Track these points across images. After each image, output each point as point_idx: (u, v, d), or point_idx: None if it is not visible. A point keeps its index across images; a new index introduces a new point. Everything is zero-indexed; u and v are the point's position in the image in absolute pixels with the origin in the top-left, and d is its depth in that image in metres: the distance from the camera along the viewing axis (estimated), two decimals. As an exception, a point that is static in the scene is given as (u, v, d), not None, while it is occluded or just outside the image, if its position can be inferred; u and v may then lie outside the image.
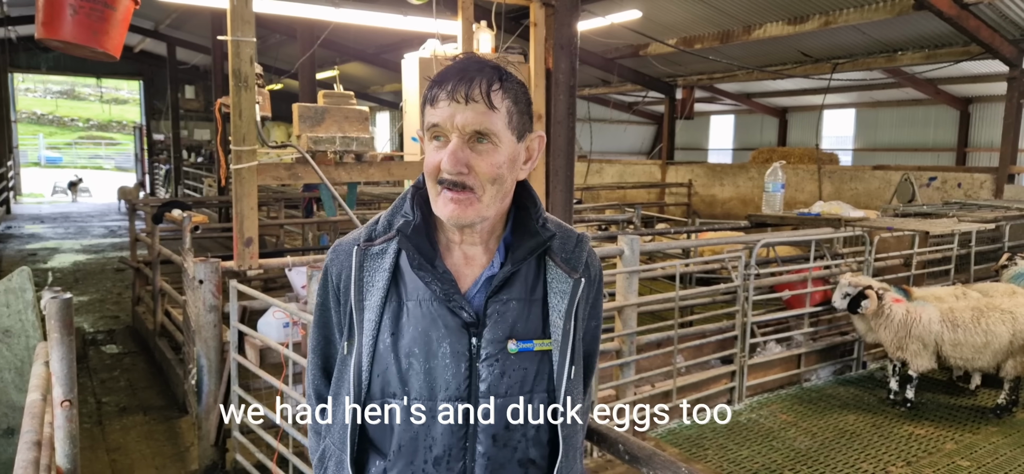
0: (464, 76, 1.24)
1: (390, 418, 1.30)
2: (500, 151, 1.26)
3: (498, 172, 1.27)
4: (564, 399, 1.31)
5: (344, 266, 1.37)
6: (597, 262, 1.43)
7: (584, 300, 1.38)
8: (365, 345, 1.30)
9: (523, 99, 1.32)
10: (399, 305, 1.31)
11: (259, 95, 4.43)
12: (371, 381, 1.30)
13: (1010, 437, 4.87)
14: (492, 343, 1.28)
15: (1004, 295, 5.33)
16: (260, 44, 15.31)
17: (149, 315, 7.07)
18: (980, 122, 14.78)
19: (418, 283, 1.30)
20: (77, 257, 12.19)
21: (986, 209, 8.19)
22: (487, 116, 1.24)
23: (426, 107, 1.29)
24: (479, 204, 1.26)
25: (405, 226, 1.32)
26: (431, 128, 1.27)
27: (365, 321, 1.31)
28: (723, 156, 20.08)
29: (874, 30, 10.08)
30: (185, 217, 5.64)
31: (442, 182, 1.26)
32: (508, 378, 1.28)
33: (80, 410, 5.41)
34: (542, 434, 1.32)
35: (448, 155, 1.24)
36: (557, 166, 4.97)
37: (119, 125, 42.32)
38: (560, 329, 1.31)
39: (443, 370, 1.27)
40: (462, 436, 1.28)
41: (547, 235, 1.34)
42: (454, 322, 1.28)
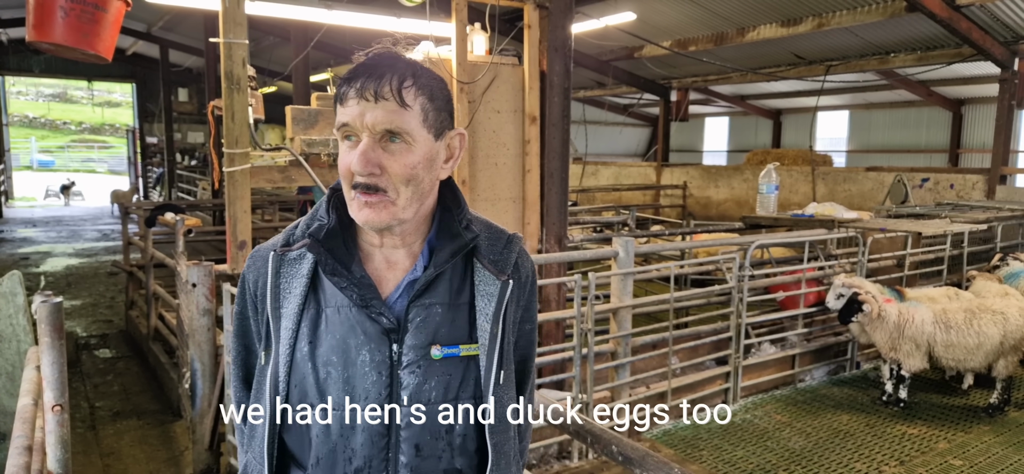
0: (374, 73, 1.19)
1: (308, 429, 1.24)
2: (414, 151, 1.21)
3: (412, 172, 1.21)
4: (495, 405, 1.26)
5: (261, 273, 1.31)
6: (529, 263, 1.38)
7: (514, 302, 1.32)
8: (282, 354, 1.24)
9: (440, 96, 1.26)
10: (317, 312, 1.25)
11: (252, 97, 4.42)
12: (289, 391, 1.25)
13: (1002, 436, 4.89)
14: (414, 349, 1.23)
15: (996, 296, 5.36)
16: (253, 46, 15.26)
17: (142, 319, 7.04)
18: (972, 123, 14.87)
19: (337, 290, 1.25)
20: (70, 261, 12.13)
21: (978, 210, 8.23)
22: (399, 114, 1.19)
23: (337, 105, 1.23)
24: (394, 206, 1.21)
25: (318, 230, 1.26)
26: (341, 128, 1.21)
27: (282, 329, 1.25)
28: (718, 158, 20.14)
29: (867, 32, 10.13)
30: (178, 220, 5.62)
31: (355, 185, 1.21)
32: (431, 385, 1.24)
33: (73, 415, 5.38)
34: (469, 443, 1.28)
35: (358, 156, 1.18)
36: (552, 168, 4.97)
37: (112, 128, 42.13)
38: (487, 333, 1.26)
39: (362, 378, 1.22)
40: (383, 446, 1.23)
41: (470, 236, 1.28)
42: (373, 329, 1.23)
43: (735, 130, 20.08)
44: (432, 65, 4.65)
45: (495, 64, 4.84)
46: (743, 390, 5.51)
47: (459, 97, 4.73)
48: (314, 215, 1.30)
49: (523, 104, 4.97)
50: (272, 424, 1.25)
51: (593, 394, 4.57)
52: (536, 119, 4.97)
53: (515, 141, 4.98)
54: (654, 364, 5.10)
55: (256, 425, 1.29)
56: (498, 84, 4.87)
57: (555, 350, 4.78)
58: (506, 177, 4.98)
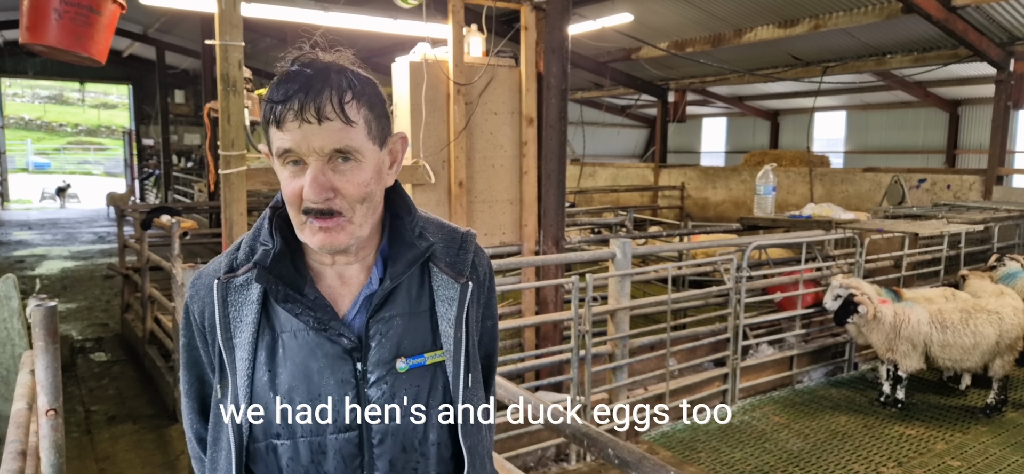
0: (310, 89, 1.11)
1: (277, 460, 1.20)
2: (364, 167, 1.16)
3: (366, 190, 1.17)
4: (463, 408, 1.24)
5: (206, 303, 1.24)
6: (485, 260, 1.35)
7: (475, 303, 1.29)
8: (240, 386, 1.19)
9: (378, 103, 1.20)
10: (273, 339, 1.20)
11: (248, 100, 4.40)
12: (252, 423, 1.20)
13: (999, 436, 4.89)
14: (379, 365, 1.20)
15: (993, 295, 5.36)
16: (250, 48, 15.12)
17: (138, 322, 7.02)
18: (969, 124, 14.89)
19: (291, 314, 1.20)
20: (65, 264, 12.10)
21: (975, 210, 8.24)
22: (345, 133, 1.12)
23: (271, 128, 1.14)
24: (351, 226, 1.17)
25: (264, 257, 1.19)
26: (284, 154, 1.13)
27: (237, 360, 1.20)
28: (716, 159, 20.14)
29: (863, 33, 10.14)
30: (174, 223, 5.61)
31: (308, 211, 1.14)
32: (400, 398, 1.20)
33: (68, 419, 5.36)
34: (444, 450, 1.25)
35: (310, 183, 1.12)
36: (549, 170, 4.96)
37: (108, 130, 42.03)
38: (451, 338, 1.24)
39: (329, 401, 1.18)
40: (357, 466, 1.19)
41: (424, 245, 1.25)
42: (334, 349, 1.19)
43: (733, 131, 20.09)
44: (428, 67, 4.64)
45: (492, 66, 4.83)
46: (741, 391, 5.51)
47: (456, 99, 4.72)
48: (256, 237, 1.24)
49: (520, 106, 4.96)
50: (239, 457, 1.19)
51: (591, 396, 4.56)
52: (533, 121, 4.96)
53: (512, 143, 4.96)
54: (652, 366, 5.09)
55: (218, 456, 1.24)
56: (495, 86, 4.86)
57: (553, 352, 4.77)
58: (503, 179, 4.96)
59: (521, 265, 4.79)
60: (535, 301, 5.10)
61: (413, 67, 4.63)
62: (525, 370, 4.74)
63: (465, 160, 4.80)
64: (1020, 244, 8.08)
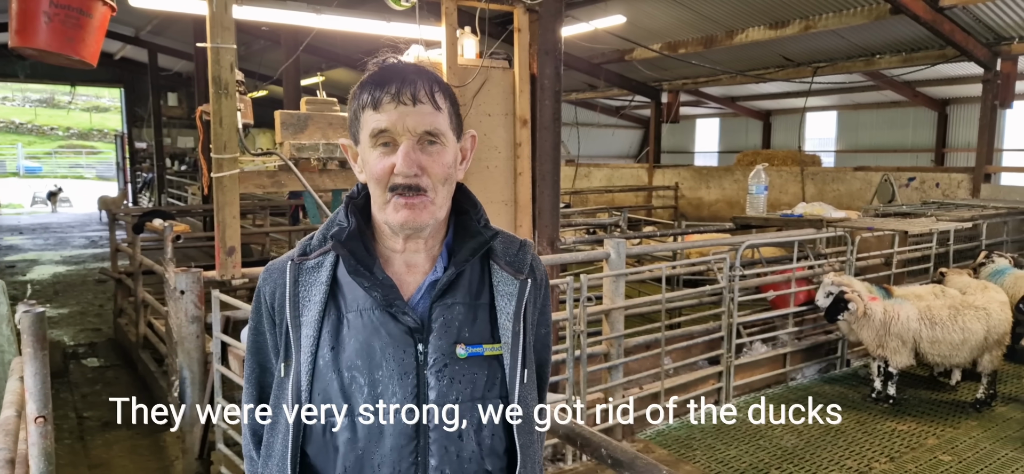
0: (407, 78, 1.23)
1: (334, 439, 1.22)
2: (448, 151, 1.26)
3: (449, 172, 1.26)
4: (519, 404, 1.27)
5: (278, 284, 1.31)
6: (542, 267, 1.40)
7: (532, 303, 1.34)
8: (304, 362, 1.23)
9: (456, 101, 1.32)
10: (338, 317, 1.25)
11: (240, 102, 4.40)
12: (312, 400, 1.23)
13: (990, 431, 4.94)
14: (439, 350, 1.23)
15: (978, 291, 5.42)
16: (244, 50, 15.14)
17: (132, 327, 6.98)
18: (957, 123, 15.03)
19: (358, 292, 1.25)
20: (57, 269, 12.02)
21: (963, 208, 8.32)
22: (435, 117, 1.24)
23: (366, 111, 1.25)
24: (433, 206, 1.24)
25: (339, 232, 1.28)
26: (379, 134, 1.23)
27: (302, 337, 1.24)
28: (709, 159, 20.22)
29: (852, 34, 10.22)
30: (166, 226, 5.58)
31: (395, 188, 1.22)
32: (458, 385, 1.23)
33: (61, 426, 5.33)
34: (498, 444, 1.27)
35: (402, 157, 1.21)
36: (544, 171, 4.98)
37: (100, 133, 41.78)
38: (509, 332, 1.27)
39: (389, 381, 1.21)
40: (412, 450, 1.21)
41: (489, 234, 1.32)
42: (397, 329, 1.23)
43: (726, 131, 20.18)
44: (422, 69, 4.65)
45: (485, 67, 4.85)
46: (735, 389, 5.54)
47: (449, 100, 4.73)
48: (332, 222, 1.32)
49: (514, 107, 4.98)
50: (296, 436, 1.22)
51: (587, 396, 4.57)
52: (527, 122, 4.98)
53: (506, 144, 4.98)
54: (647, 365, 5.11)
55: (274, 441, 1.27)
56: (489, 87, 4.88)
57: (547, 352, 4.79)
58: (498, 180, 4.98)
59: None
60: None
61: (406, 69, 4.64)
62: (520, 370, 4.75)
63: (459, 161, 4.81)
64: (1008, 241, 8.17)
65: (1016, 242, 8.32)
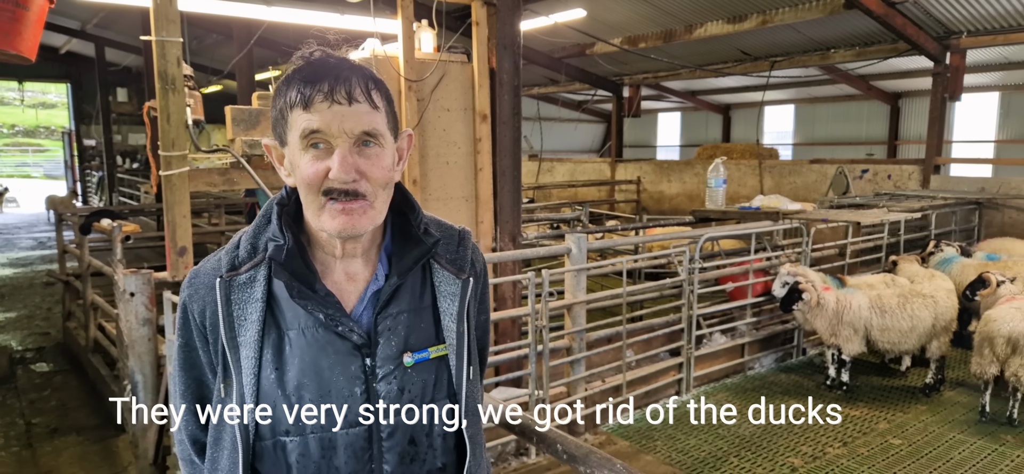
0: (339, 75, 1.16)
1: (286, 456, 1.20)
2: (387, 152, 1.21)
3: (388, 175, 1.21)
4: (466, 401, 1.28)
5: (207, 302, 1.23)
6: (480, 257, 1.39)
7: (474, 298, 1.34)
8: (247, 384, 1.19)
9: (391, 97, 1.26)
10: (280, 336, 1.20)
11: (190, 97, 4.26)
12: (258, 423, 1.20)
13: (938, 414, 5.11)
14: (387, 360, 1.22)
15: (925, 279, 5.60)
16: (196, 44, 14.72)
17: (81, 331, 6.76)
18: (908, 116, 15.49)
19: (298, 310, 1.20)
20: (3, 271, 11.59)
21: (914, 199, 8.58)
22: (372, 116, 1.17)
23: (295, 111, 1.16)
24: (373, 211, 1.19)
25: (277, 252, 1.20)
26: (310, 135, 1.15)
27: (242, 359, 1.19)
28: (671, 153, 20.46)
29: (809, 29, 10.43)
30: (115, 227, 5.40)
31: (329, 192, 1.16)
32: (408, 392, 1.23)
33: (8, 432, 5.14)
34: (449, 440, 1.29)
35: (339, 163, 1.14)
36: (504, 166, 4.95)
37: (47, 131, 40.30)
38: (454, 332, 1.27)
39: (338, 397, 1.20)
40: (367, 459, 1.21)
41: (431, 241, 1.28)
42: (344, 346, 1.20)
43: (687, 125, 20.44)
44: (378, 63, 4.58)
45: (443, 62, 4.80)
46: (695, 380, 5.62)
47: (407, 95, 4.67)
48: (259, 233, 1.24)
49: (473, 102, 4.94)
50: (245, 454, 1.19)
51: (549, 390, 4.58)
52: (487, 117, 4.94)
53: (466, 139, 4.94)
54: (609, 358, 5.14)
55: (219, 456, 1.23)
56: (447, 82, 4.83)
57: (511, 348, 4.77)
58: (458, 176, 4.94)
59: (477, 262, 4.77)
60: (493, 298, 5.09)
61: (362, 63, 4.56)
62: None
63: (418, 158, 4.76)
64: (956, 230, 8.46)
65: (964, 232, 8.62)
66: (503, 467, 4.43)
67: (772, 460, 4.47)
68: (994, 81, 13.46)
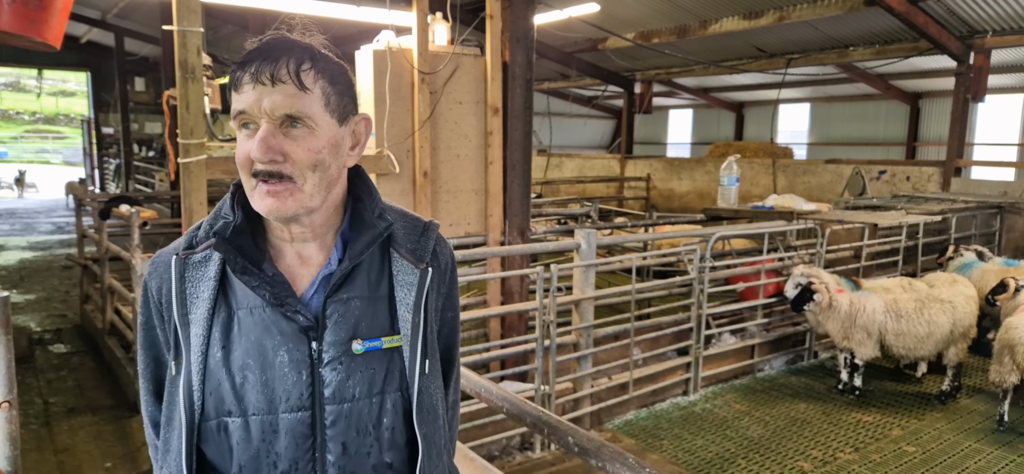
0: (269, 56, 1.15)
1: (228, 438, 1.18)
2: (317, 135, 1.17)
3: (317, 158, 1.17)
4: (418, 396, 1.24)
5: (164, 279, 1.24)
6: (448, 250, 1.36)
7: (434, 291, 1.30)
8: (194, 362, 1.19)
9: (342, 80, 1.22)
10: (229, 316, 1.20)
11: (208, 87, 4.31)
12: (204, 400, 1.19)
13: (953, 422, 5.04)
14: (334, 346, 1.19)
15: (945, 284, 5.52)
16: (212, 35, 14.80)
17: (98, 313, 6.86)
18: (929, 117, 15.24)
19: (248, 291, 1.19)
20: (23, 254, 11.76)
21: (933, 201, 8.47)
22: (298, 98, 1.15)
23: (232, 92, 1.17)
24: (301, 194, 1.17)
25: (224, 228, 1.20)
26: (239, 116, 1.16)
27: (192, 336, 1.19)
28: (682, 150, 20.32)
29: (826, 26, 10.30)
30: (133, 212, 5.48)
31: (256, 173, 1.15)
32: (355, 381, 1.20)
33: (26, 411, 5.23)
34: (398, 436, 1.24)
35: (258, 142, 1.13)
36: (514, 160, 4.95)
37: (66, 118, 40.84)
38: (409, 323, 1.24)
39: (282, 380, 1.18)
40: (309, 447, 1.18)
41: (383, 225, 1.26)
42: (290, 328, 1.19)
43: (698, 123, 20.29)
44: (392, 55, 4.59)
45: (457, 55, 4.80)
46: (703, 380, 5.59)
47: (420, 87, 4.68)
48: (218, 213, 1.24)
49: (485, 95, 4.94)
50: (189, 435, 1.18)
51: (556, 385, 4.58)
52: (498, 110, 4.94)
53: (477, 132, 4.94)
54: (616, 355, 5.13)
55: (171, 437, 1.22)
56: (460, 75, 4.83)
57: (518, 342, 4.78)
58: (468, 169, 4.94)
59: (486, 255, 4.78)
60: (500, 291, 5.10)
61: (377, 55, 4.58)
62: (490, 360, 4.75)
63: (429, 150, 4.77)
64: (976, 234, 8.33)
65: (985, 236, 8.49)
66: (507, 461, 4.44)
67: (781, 463, 4.44)
68: (1019, 82, 13.21)
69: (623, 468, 1.79)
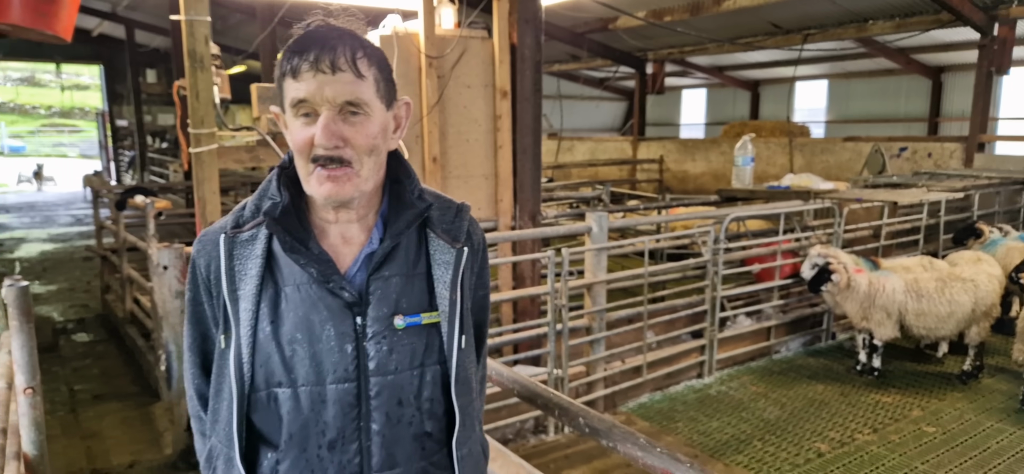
0: (326, 44, 1.19)
1: (278, 408, 1.26)
2: (373, 121, 1.24)
3: (374, 143, 1.24)
4: (456, 369, 1.31)
5: (212, 257, 1.31)
6: (479, 231, 1.42)
7: (469, 269, 1.37)
8: (244, 336, 1.25)
9: (386, 66, 1.29)
10: (276, 291, 1.26)
11: (217, 76, 4.30)
12: (254, 372, 1.26)
13: (975, 402, 4.96)
14: (377, 321, 1.26)
15: (969, 263, 5.40)
16: (220, 24, 14.83)
17: (118, 303, 6.98)
18: (952, 91, 14.85)
19: (294, 267, 1.26)
20: (44, 246, 11.95)
21: (955, 178, 8.29)
22: (356, 85, 1.21)
23: (286, 80, 1.22)
24: (358, 178, 1.23)
25: (273, 209, 1.26)
26: (298, 104, 1.21)
27: (241, 311, 1.26)
28: (696, 131, 20.05)
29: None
30: (148, 203, 5.54)
31: (316, 159, 1.21)
32: (397, 354, 1.27)
33: (53, 398, 5.34)
34: (437, 407, 1.32)
35: (321, 129, 1.19)
36: (524, 144, 4.90)
37: (81, 111, 41.30)
38: (446, 300, 1.30)
39: (329, 353, 1.24)
40: (355, 417, 1.26)
41: (423, 205, 1.32)
42: (336, 303, 1.25)
43: (713, 102, 19.99)
44: (399, 39, 4.55)
45: (464, 38, 4.75)
46: (719, 362, 5.55)
47: (428, 72, 4.64)
48: (264, 194, 1.30)
49: (494, 78, 4.89)
50: (240, 404, 1.25)
51: (568, 369, 4.57)
52: (507, 93, 4.89)
53: (486, 116, 4.90)
54: (629, 338, 5.10)
55: (220, 408, 1.30)
56: (468, 58, 4.78)
57: (530, 326, 4.76)
58: (478, 153, 4.91)
59: (497, 240, 4.75)
60: (512, 276, 5.08)
61: (383, 40, 4.54)
62: (503, 345, 4.74)
63: (438, 135, 4.73)
64: (1000, 212, 8.15)
65: (1008, 213, 8.29)
66: (521, 444, 4.44)
67: (797, 445, 4.40)
68: (1046, 54, 12.85)
69: (634, 447, 1.78)
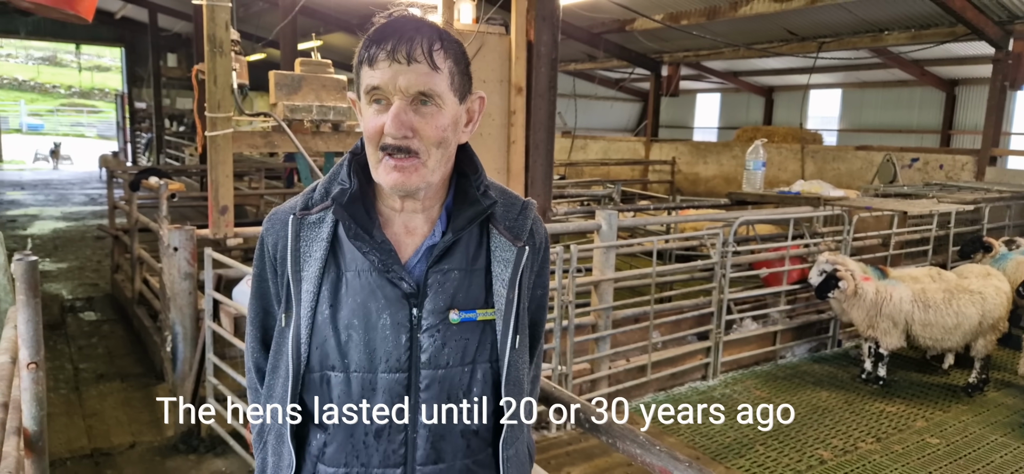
0: (404, 35, 1.20)
1: (330, 390, 1.28)
2: (444, 113, 1.23)
3: (443, 135, 1.23)
4: (507, 368, 1.30)
5: (280, 236, 1.33)
6: (542, 229, 1.41)
7: (529, 269, 1.35)
8: (304, 316, 1.27)
9: (463, 59, 1.29)
10: (338, 276, 1.28)
11: (236, 62, 4.36)
12: (310, 353, 1.28)
13: (980, 415, 4.95)
14: (433, 314, 1.26)
15: (978, 277, 5.39)
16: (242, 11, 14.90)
17: (127, 283, 7.01)
18: (965, 104, 14.79)
19: (357, 254, 1.27)
20: (57, 224, 12.06)
21: (966, 190, 8.26)
22: (430, 77, 1.21)
23: (363, 68, 1.23)
24: (424, 169, 1.23)
25: (341, 195, 1.27)
26: (371, 91, 1.22)
27: (303, 292, 1.28)
28: (709, 135, 20.01)
29: (860, 9, 10.05)
30: (161, 184, 5.57)
31: (385, 147, 1.22)
32: (449, 348, 1.27)
33: (57, 376, 5.38)
34: (486, 405, 1.32)
35: (391, 118, 1.20)
36: (537, 140, 4.94)
37: (101, 93, 41.64)
38: (503, 298, 1.29)
39: (383, 341, 1.25)
40: (403, 407, 1.27)
41: (488, 203, 1.31)
42: (394, 293, 1.26)
43: (726, 107, 19.95)
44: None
45: (482, 33, 4.78)
46: (723, 365, 5.56)
47: (444, 65, 4.68)
48: (333, 179, 1.32)
49: (509, 74, 4.93)
50: (294, 383, 1.27)
51: (573, 365, 4.60)
52: (522, 90, 4.93)
53: (500, 112, 4.94)
54: (635, 337, 5.12)
55: (275, 383, 1.32)
56: (484, 53, 4.82)
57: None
58: (491, 148, 4.95)
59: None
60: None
61: (402, 32, 4.58)
62: (510, 338, 4.76)
63: (453, 128, 4.78)
64: (1010, 225, 8.11)
65: (1019, 226, 8.25)
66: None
67: (800, 451, 4.41)
68: (1060, 71, 12.76)
69: (633, 445, 1.79)
